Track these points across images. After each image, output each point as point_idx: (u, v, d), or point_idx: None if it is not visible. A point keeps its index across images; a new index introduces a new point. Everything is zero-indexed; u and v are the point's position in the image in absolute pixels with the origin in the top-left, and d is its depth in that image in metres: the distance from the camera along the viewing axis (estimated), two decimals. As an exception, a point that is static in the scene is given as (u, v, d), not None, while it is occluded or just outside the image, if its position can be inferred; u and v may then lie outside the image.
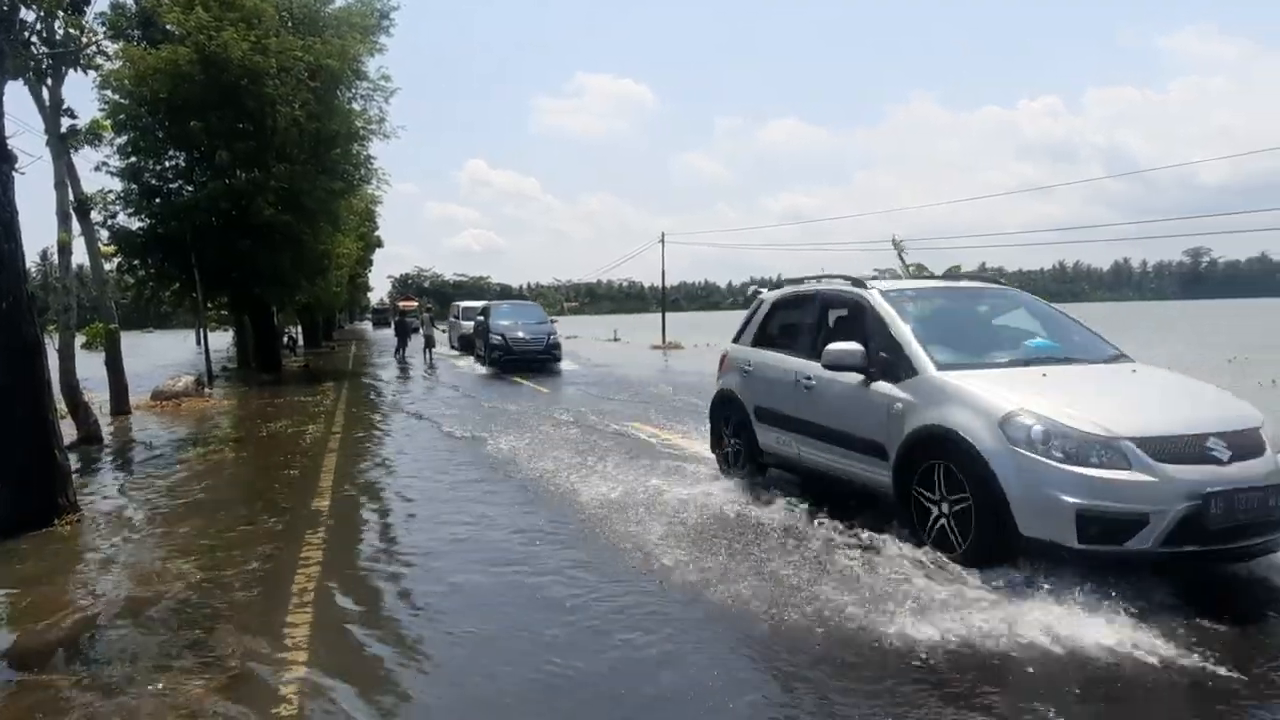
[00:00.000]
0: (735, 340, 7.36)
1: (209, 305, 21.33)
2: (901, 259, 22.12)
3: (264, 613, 4.35)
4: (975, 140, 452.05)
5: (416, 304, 68.76)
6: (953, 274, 20.89)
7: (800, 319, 6.54)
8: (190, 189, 18.23)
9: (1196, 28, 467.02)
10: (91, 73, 13.00)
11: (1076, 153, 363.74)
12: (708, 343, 36.26)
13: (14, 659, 3.86)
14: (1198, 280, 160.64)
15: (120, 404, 13.00)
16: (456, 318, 30.91)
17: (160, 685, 3.48)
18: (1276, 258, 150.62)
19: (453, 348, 30.00)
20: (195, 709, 3.28)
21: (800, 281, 6.87)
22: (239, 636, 4.00)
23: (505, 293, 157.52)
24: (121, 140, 17.24)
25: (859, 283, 5.91)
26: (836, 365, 5.40)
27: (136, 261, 18.20)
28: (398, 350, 28.24)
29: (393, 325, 35.14)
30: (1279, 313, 59.72)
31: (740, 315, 12.28)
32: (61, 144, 11.10)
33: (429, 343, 27.61)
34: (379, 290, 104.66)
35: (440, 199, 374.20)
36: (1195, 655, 3.44)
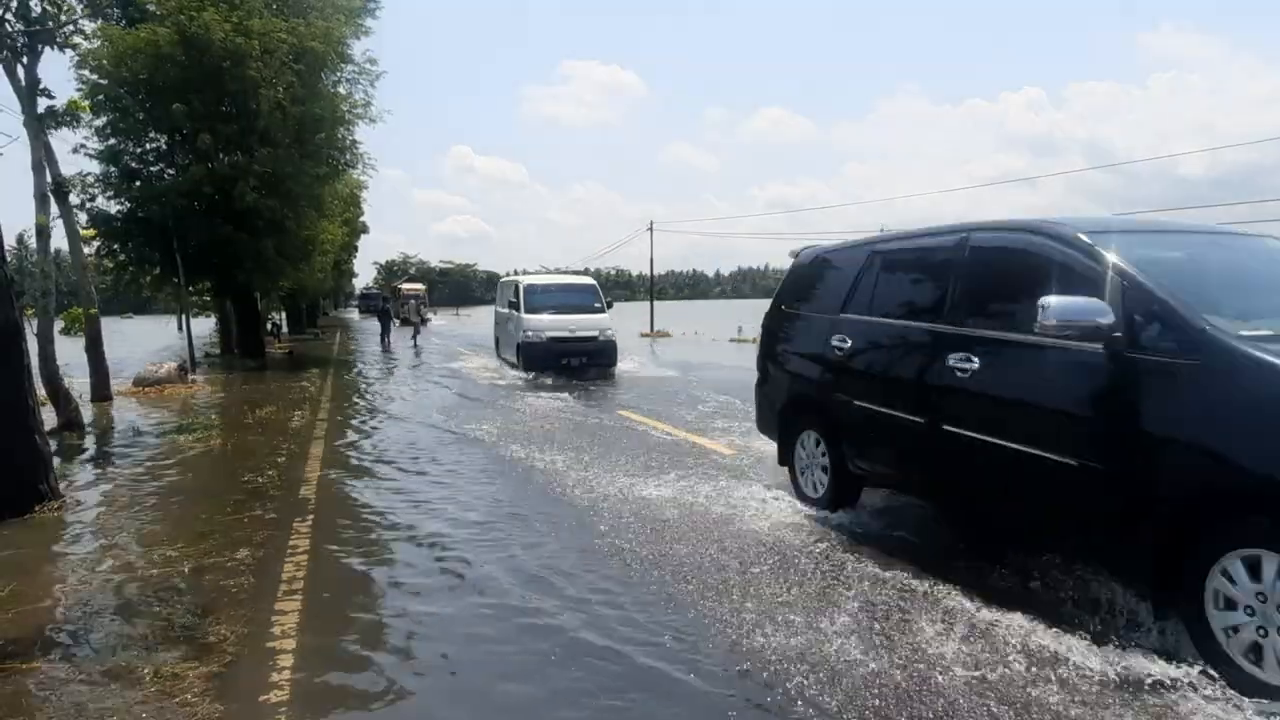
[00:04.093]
0: None
1: (191, 290, 21.08)
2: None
3: (253, 600, 4.30)
4: (959, 132, 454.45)
5: (423, 288, 56.28)
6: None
7: None
8: (171, 172, 17.95)
9: (1174, 24, 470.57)
10: (69, 52, 12.82)
11: (1058, 145, 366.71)
12: (695, 330, 36.54)
13: (-4, 647, 3.79)
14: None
15: (101, 390, 12.80)
16: (514, 305, 16.67)
17: (147, 673, 3.44)
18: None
19: (500, 356, 18.49)
20: (184, 697, 3.24)
21: None
22: (228, 624, 3.96)
23: (492, 281, 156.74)
24: (100, 122, 16.93)
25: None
26: None
27: (116, 245, 17.91)
28: (383, 338, 28.14)
29: (377, 313, 33.53)
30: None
31: (726, 305, 12.73)
32: (38, 125, 10.86)
33: (416, 329, 27.67)
34: (364, 276, 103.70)
35: (426, 185, 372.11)
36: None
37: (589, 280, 18.22)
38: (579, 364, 15.18)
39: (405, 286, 53.44)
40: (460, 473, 7.52)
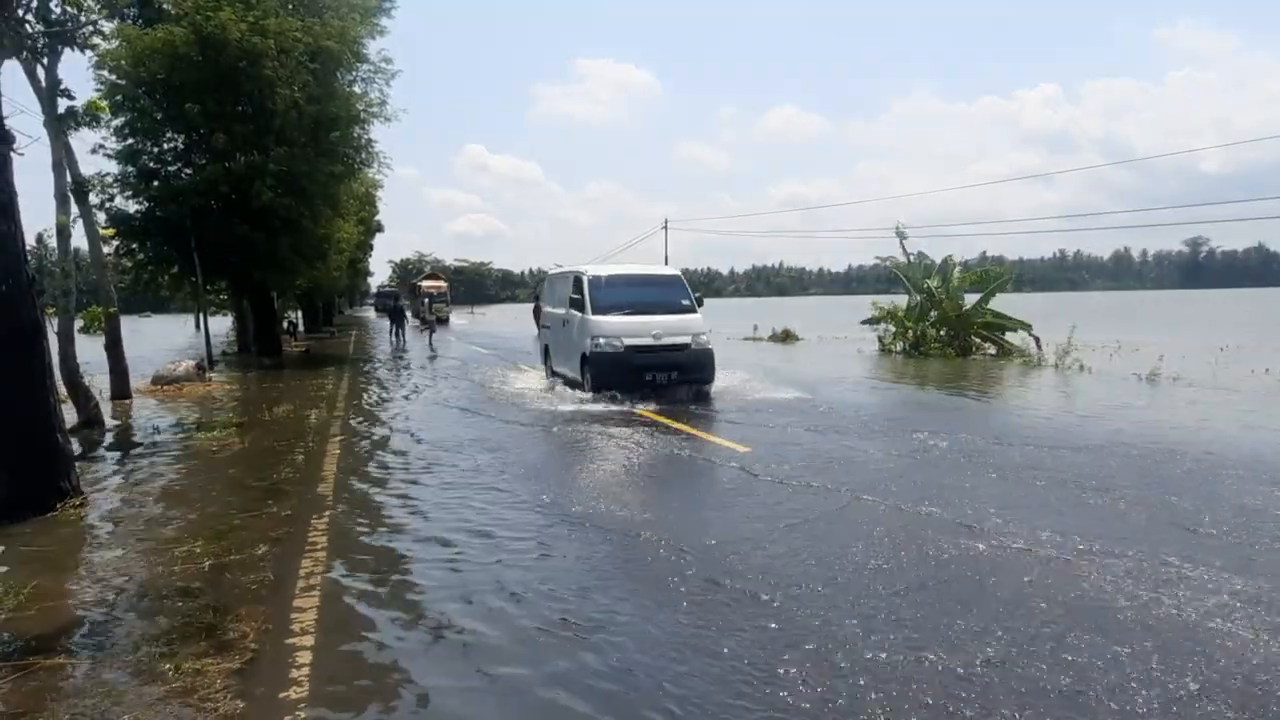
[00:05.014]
0: None
1: (208, 289, 21.22)
2: (903, 246, 22.00)
3: (272, 597, 4.31)
4: (974, 130, 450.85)
5: (445, 284, 52.61)
6: (946, 264, 21.09)
7: None
8: (189, 172, 18.09)
9: (1192, 20, 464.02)
10: (88, 53, 12.91)
11: (1075, 143, 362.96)
12: (709, 329, 36.43)
13: (21, 643, 3.82)
14: (1197, 269, 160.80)
15: (121, 388, 12.93)
16: (576, 304, 12.69)
17: (169, 670, 3.45)
18: (1273, 247, 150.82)
19: (552, 370, 14.32)
20: (205, 693, 3.24)
21: None
22: (248, 621, 3.97)
23: (507, 279, 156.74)
24: (119, 122, 17.09)
25: None
26: None
27: (135, 245, 18.07)
28: (395, 333, 28.04)
29: (389, 311, 32.48)
30: (1275, 302, 59.76)
31: (739, 304, 12.16)
32: (59, 125, 10.95)
33: (431, 328, 27.67)
34: (380, 275, 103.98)
35: (440, 184, 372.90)
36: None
37: (672, 270, 13.99)
38: (666, 381, 11.62)
39: (426, 283, 50.12)
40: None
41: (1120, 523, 5.47)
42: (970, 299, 19.95)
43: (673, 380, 11.72)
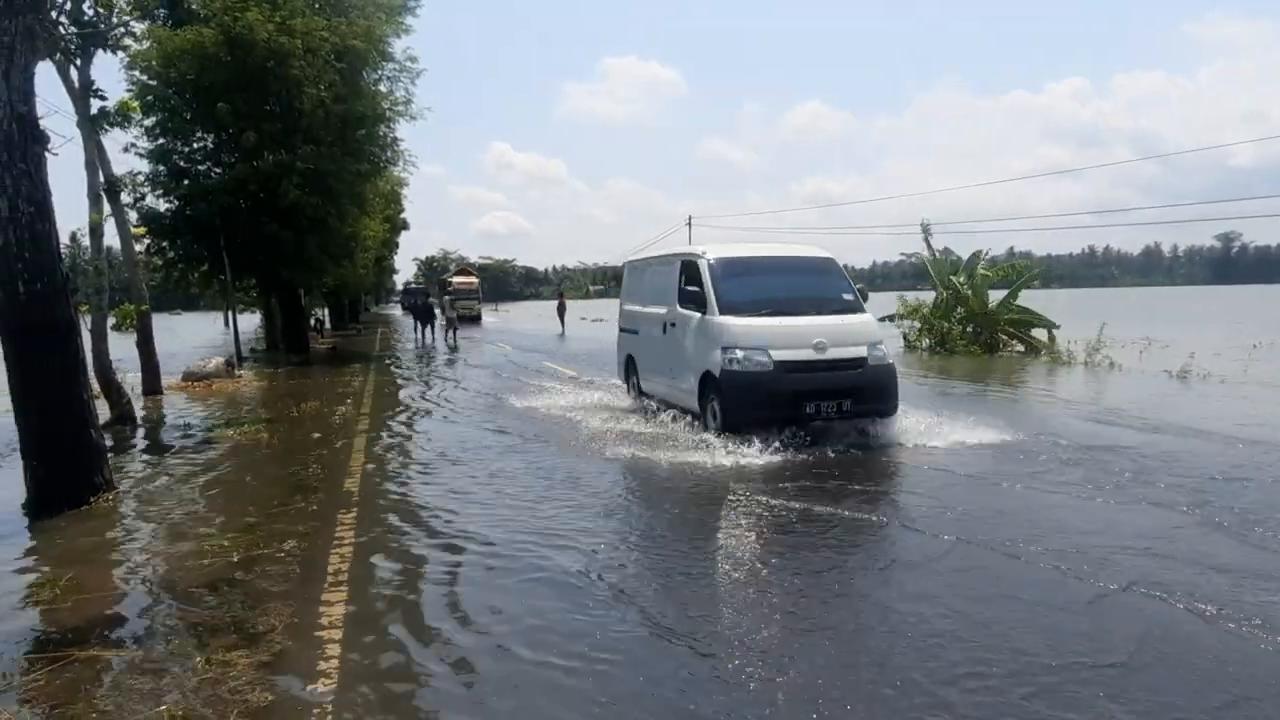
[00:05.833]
0: None
1: (237, 287, 21.50)
2: (928, 243, 21.76)
3: (300, 591, 4.34)
4: (1001, 125, 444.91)
5: (476, 281, 49.74)
6: (973, 260, 20.79)
7: None
8: (218, 171, 18.37)
9: (1223, 11, 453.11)
10: (120, 54, 13.10)
11: (1103, 137, 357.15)
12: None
13: (57, 635, 3.88)
14: (1229, 265, 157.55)
15: (152, 384, 13.14)
16: (691, 300, 8.87)
17: (199, 662, 3.48)
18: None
19: (637, 391, 10.75)
20: (234, 685, 3.28)
21: None
22: (276, 615, 4.00)
23: (530, 276, 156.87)
24: (150, 122, 17.37)
25: None
26: None
27: (165, 243, 18.36)
28: (420, 331, 28.00)
29: (415, 310, 31.60)
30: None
31: None
32: (91, 125, 11.13)
33: (453, 326, 27.77)
34: (405, 273, 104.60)
35: (465, 182, 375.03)
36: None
37: (822, 252, 9.63)
38: (834, 413, 7.98)
39: (456, 280, 47.01)
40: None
41: None
42: (997, 295, 19.69)
43: (844, 412, 8.03)
